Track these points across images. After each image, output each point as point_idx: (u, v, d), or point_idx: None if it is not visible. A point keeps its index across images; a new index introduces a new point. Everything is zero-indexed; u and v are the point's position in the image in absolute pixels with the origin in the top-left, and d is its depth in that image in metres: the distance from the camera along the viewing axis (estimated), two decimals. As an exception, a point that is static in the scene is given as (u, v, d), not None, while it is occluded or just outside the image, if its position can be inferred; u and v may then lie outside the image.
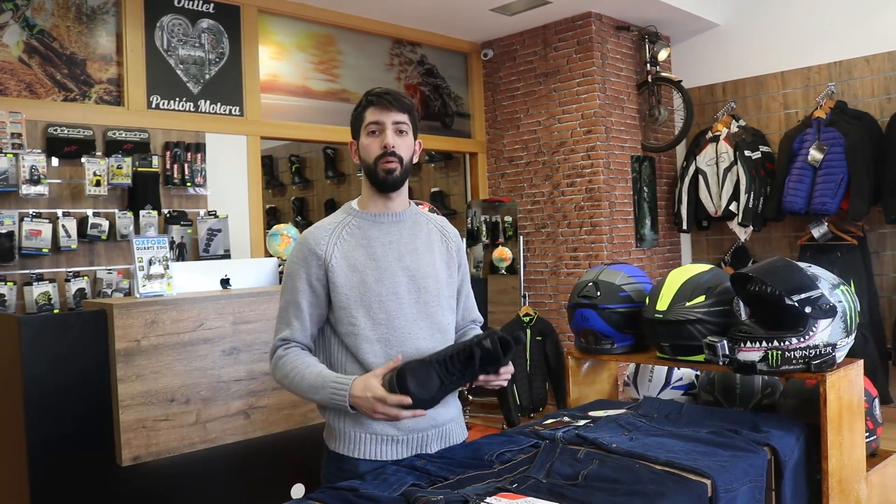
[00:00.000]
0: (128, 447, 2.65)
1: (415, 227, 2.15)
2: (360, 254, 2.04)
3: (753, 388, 2.68)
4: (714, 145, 5.74)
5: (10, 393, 2.65)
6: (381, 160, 2.04)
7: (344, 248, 2.04)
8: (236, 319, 2.95)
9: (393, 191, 2.09)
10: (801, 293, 2.22)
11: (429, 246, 2.15)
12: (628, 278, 2.74)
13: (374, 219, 2.10)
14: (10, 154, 3.80)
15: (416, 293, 2.07)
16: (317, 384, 1.95)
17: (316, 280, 2.03)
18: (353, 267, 2.02)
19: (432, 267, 2.13)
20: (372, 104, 2.07)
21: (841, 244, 5.23)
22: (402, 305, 2.04)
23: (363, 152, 2.08)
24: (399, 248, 2.09)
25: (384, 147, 2.03)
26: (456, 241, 2.24)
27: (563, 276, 5.91)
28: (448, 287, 2.16)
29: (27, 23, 4.05)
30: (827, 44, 5.48)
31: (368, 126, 2.06)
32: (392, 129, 2.05)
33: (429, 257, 2.13)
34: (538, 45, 6.04)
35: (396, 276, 2.05)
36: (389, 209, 2.12)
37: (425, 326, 2.07)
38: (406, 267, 2.07)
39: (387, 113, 2.05)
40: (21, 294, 3.84)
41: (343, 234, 2.06)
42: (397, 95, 2.08)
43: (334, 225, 2.09)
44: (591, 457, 1.95)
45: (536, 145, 6.08)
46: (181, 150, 4.47)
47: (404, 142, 2.07)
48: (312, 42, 5.39)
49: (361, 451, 2.01)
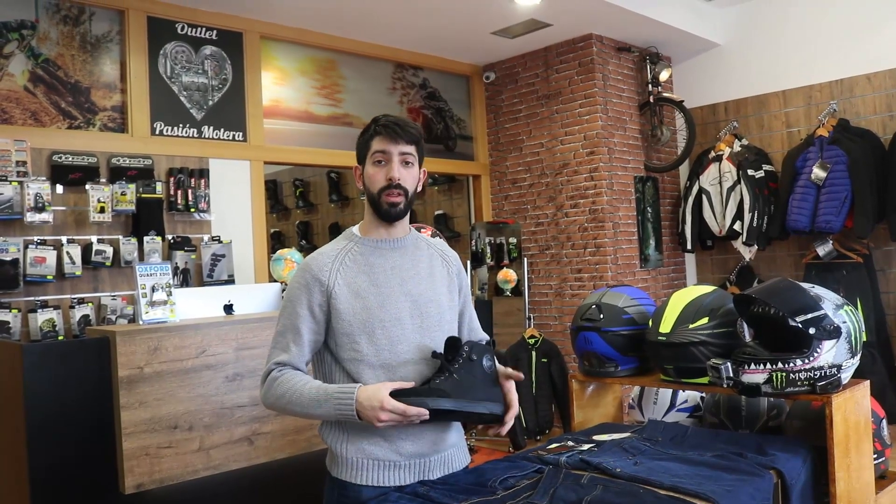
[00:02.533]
0: (131, 475, 2.64)
1: (416, 253, 2.16)
2: (362, 280, 2.04)
3: (759, 410, 2.66)
4: (717, 165, 5.75)
5: (13, 421, 2.64)
6: (385, 192, 2.04)
7: (347, 275, 2.04)
8: (239, 345, 2.94)
9: (396, 220, 2.09)
10: (804, 314, 2.21)
11: (430, 271, 2.16)
12: (631, 300, 2.73)
13: (376, 245, 2.11)
14: (14, 182, 3.82)
15: (418, 318, 2.07)
16: (319, 397, 1.92)
17: (317, 306, 2.02)
18: (355, 293, 2.02)
19: (434, 291, 2.13)
20: (379, 133, 2.05)
21: (846, 262, 5.21)
22: (404, 330, 2.04)
23: (368, 181, 2.07)
24: (401, 274, 2.09)
25: (389, 180, 2.03)
26: (456, 265, 2.25)
27: (567, 298, 5.90)
28: (450, 311, 2.17)
29: (32, 52, 4.09)
30: (828, 62, 5.49)
31: (374, 155, 2.05)
32: (398, 161, 2.04)
33: (430, 282, 2.13)
34: (540, 68, 6.07)
35: (399, 302, 2.05)
36: (391, 235, 2.12)
37: (428, 351, 2.06)
38: (408, 292, 2.07)
39: (394, 144, 2.04)
40: (25, 321, 3.85)
41: (346, 261, 2.07)
42: (405, 126, 2.06)
43: (337, 251, 2.09)
44: (594, 482, 1.93)
45: (539, 167, 6.09)
46: (185, 175, 4.48)
47: (410, 173, 2.07)
48: (315, 67, 5.43)
49: (364, 477, 2.00)
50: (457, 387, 1.95)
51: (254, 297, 3.46)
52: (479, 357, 1.98)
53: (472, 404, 1.96)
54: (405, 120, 2.09)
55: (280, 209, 8.99)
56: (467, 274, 6.11)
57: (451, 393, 1.93)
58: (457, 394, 1.95)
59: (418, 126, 2.13)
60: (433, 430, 2.05)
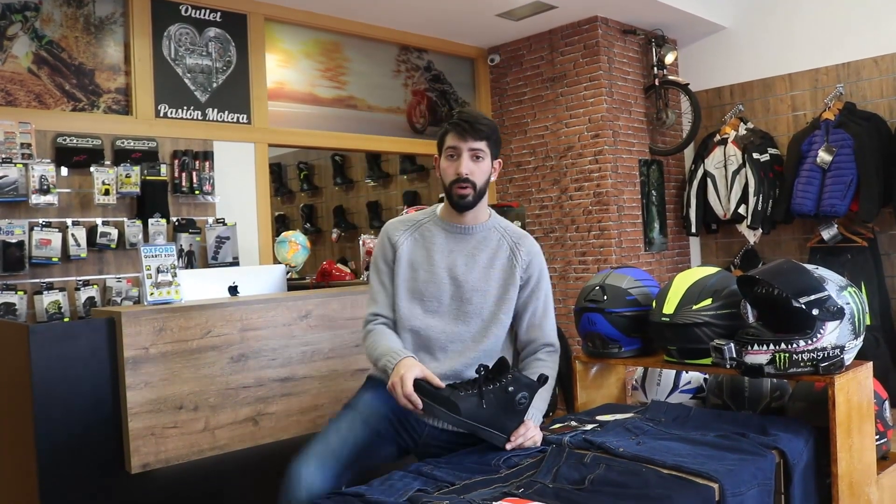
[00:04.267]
0: (137, 454, 2.66)
1: (481, 244, 2.35)
2: (420, 253, 2.32)
3: (762, 391, 2.67)
4: (722, 148, 5.73)
5: (20, 400, 2.66)
6: (455, 185, 2.26)
7: (411, 244, 2.34)
8: (244, 326, 2.95)
9: (465, 211, 2.31)
10: (808, 295, 2.21)
11: (489, 262, 2.33)
12: (635, 282, 2.74)
13: (446, 227, 2.35)
14: (19, 164, 3.83)
15: (457, 302, 2.29)
16: (378, 354, 2.21)
17: (389, 263, 2.34)
18: (410, 263, 2.31)
19: (484, 282, 2.31)
20: (451, 130, 2.27)
21: (851, 246, 5.20)
22: (440, 308, 2.28)
23: (442, 173, 2.31)
24: (455, 259, 2.31)
25: (458, 174, 2.24)
26: (526, 260, 2.37)
27: (571, 281, 5.90)
28: (498, 303, 2.32)
29: (36, 34, 4.09)
30: (835, 45, 5.46)
31: (447, 150, 2.28)
32: (468, 156, 2.24)
33: (484, 273, 2.32)
34: (545, 50, 6.05)
35: (442, 283, 2.29)
36: (462, 222, 2.35)
37: (456, 332, 2.28)
38: (455, 277, 2.29)
39: (463, 140, 2.24)
40: (31, 303, 3.86)
41: (415, 233, 2.36)
42: (475, 123, 2.24)
43: (413, 221, 2.40)
44: (597, 461, 1.95)
45: (544, 150, 6.08)
46: (189, 158, 4.49)
47: (479, 167, 2.26)
48: (319, 49, 5.41)
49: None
50: (473, 408, 2.03)
51: (258, 279, 3.47)
52: (515, 391, 2.06)
53: (475, 427, 2.06)
54: (477, 117, 2.27)
55: (284, 192, 8.99)
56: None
57: (462, 411, 2.02)
58: (468, 413, 2.03)
59: (490, 122, 2.31)
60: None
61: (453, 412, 2.01)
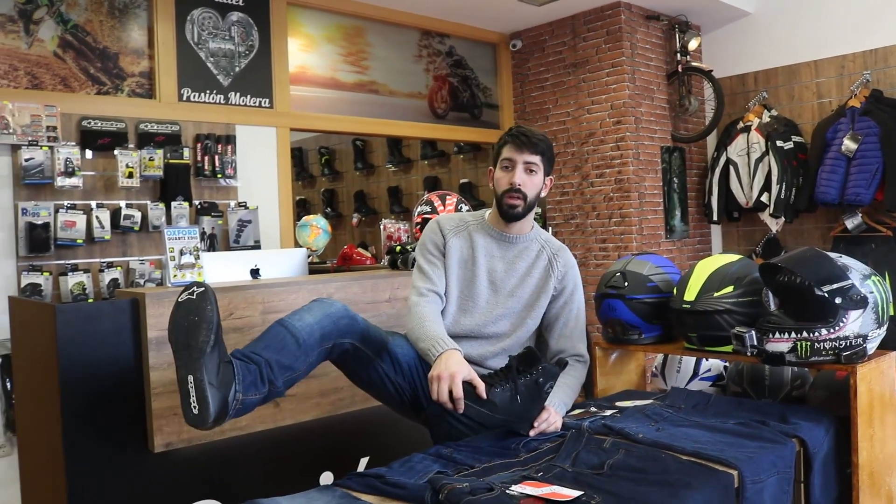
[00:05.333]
0: (160, 434, 2.69)
1: (522, 253, 2.48)
2: (466, 253, 2.45)
3: (783, 379, 2.66)
4: (745, 135, 5.68)
5: (46, 379, 2.70)
6: (507, 195, 2.37)
7: (459, 242, 2.46)
8: (266, 309, 2.97)
9: (514, 221, 2.43)
10: (831, 283, 2.20)
11: (528, 271, 2.46)
12: (656, 268, 2.73)
13: (492, 234, 2.48)
14: (45, 147, 3.87)
15: (492, 307, 2.41)
16: (425, 335, 2.23)
17: (442, 248, 2.46)
18: (457, 260, 2.44)
19: (521, 289, 2.44)
20: (508, 143, 2.38)
21: (875, 235, 5.15)
22: (475, 310, 2.41)
23: (496, 183, 2.42)
24: (496, 265, 2.44)
25: (511, 184, 2.35)
26: (561, 272, 2.49)
27: (592, 268, 5.89)
28: (529, 310, 2.45)
29: (61, 18, 4.12)
30: (862, 32, 5.38)
31: (503, 161, 2.39)
32: (522, 168, 2.35)
33: (521, 280, 2.44)
34: (567, 36, 6.01)
35: (481, 286, 2.42)
36: (508, 231, 2.47)
37: (484, 337, 2.40)
38: (493, 282, 2.43)
39: (519, 153, 2.35)
40: (57, 284, 3.91)
41: (464, 233, 2.48)
42: (532, 137, 2.35)
43: (464, 222, 2.51)
44: (617, 446, 1.95)
45: (565, 136, 6.05)
46: (212, 142, 4.51)
47: (532, 180, 2.38)
48: (341, 34, 5.41)
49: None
50: (507, 403, 2.08)
51: (280, 262, 3.49)
52: (545, 382, 2.11)
53: (506, 421, 2.11)
54: (534, 132, 2.39)
55: (306, 177, 9.02)
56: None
57: (500, 410, 2.07)
58: (503, 409, 2.07)
59: (547, 139, 2.42)
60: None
61: (493, 412, 2.06)
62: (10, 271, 3.84)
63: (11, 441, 3.70)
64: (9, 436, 3.72)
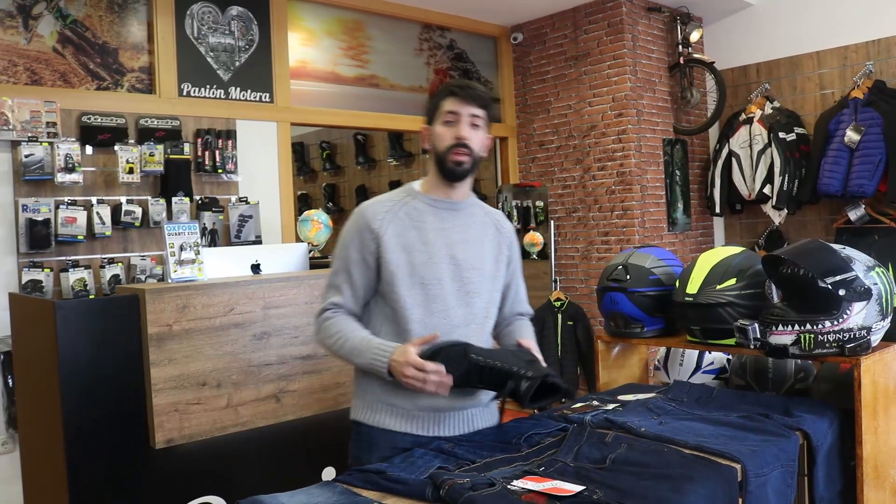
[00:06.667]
0: (161, 430, 2.69)
1: (470, 219, 2.23)
2: (412, 235, 2.11)
3: (786, 372, 2.65)
4: (747, 127, 5.65)
5: (47, 376, 2.70)
6: (453, 151, 2.11)
7: (398, 228, 2.11)
8: (266, 304, 2.97)
9: (459, 180, 2.16)
10: (834, 275, 2.18)
11: (480, 239, 2.22)
12: (658, 261, 2.71)
13: (433, 203, 2.17)
14: (45, 143, 3.86)
15: (458, 282, 2.12)
16: (361, 347, 2.03)
17: (368, 253, 2.10)
18: (403, 247, 2.09)
19: (479, 259, 2.19)
20: (452, 94, 2.13)
21: (878, 227, 5.13)
22: (443, 291, 2.10)
23: (436, 140, 2.15)
24: (450, 237, 2.15)
25: (457, 138, 2.10)
26: (509, 237, 2.32)
27: (594, 261, 5.88)
28: (492, 281, 2.22)
29: (60, 13, 4.10)
30: (864, 22, 5.35)
31: (446, 115, 2.13)
32: (467, 122, 2.12)
33: (477, 250, 2.19)
34: (568, 28, 5.98)
35: (442, 264, 2.11)
36: (450, 196, 2.19)
37: (462, 315, 2.13)
38: (453, 256, 2.13)
39: (465, 105, 2.11)
40: (58, 280, 3.91)
41: (399, 214, 2.13)
42: (477, 90, 2.15)
43: (393, 203, 2.16)
44: (619, 441, 1.94)
45: (567, 129, 6.03)
46: (212, 137, 4.50)
47: (477, 135, 2.14)
48: (341, 28, 5.39)
49: (376, 419, 2.10)
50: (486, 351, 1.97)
51: (281, 257, 3.48)
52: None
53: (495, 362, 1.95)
54: (477, 84, 2.19)
55: (307, 171, 9.00)
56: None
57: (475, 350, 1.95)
58: (484, 353, 1.97)
59: (488, 93, 2.21)
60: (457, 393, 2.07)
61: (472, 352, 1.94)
62: (10, 268, 3.84)
63: (13, 437, 3.71)
64: (11, 432, 3.72)
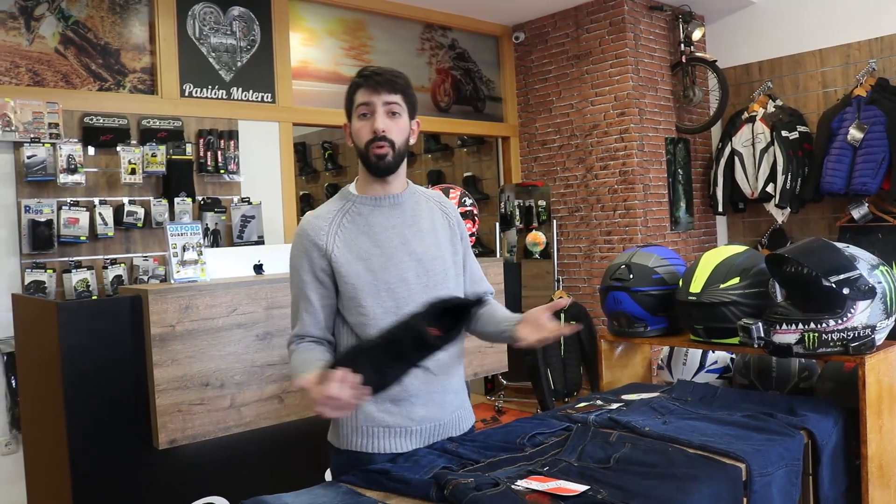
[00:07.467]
0: (164, 430, 2.69)
1: (416, 208, 2.08)
2: (363, 241, 1.97)
3: (790, 371, 2.64)
4: (750, 126, 5.65)
5: (50, 377, 2.70)
6: (372, 145, 1.95)
7: (346, 237, 1.97)
8: (269, 304, 2.97)
9: (387, 175, 2.00)
10: (838, 274, 2.18)
11: (432, 226, 2.08)
12: (661, 260, 2.71)
13: (375, 203, 2.02)
14: (47, 144, 3.86)
15: (424, 277, 1.99)
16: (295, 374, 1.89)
17: (320, 271, 1.96)
18: (357, 256, 1.95)
19: (437, 248, 2.05)
20: (361, 85, 1.97)
21: (882, 225, 5.12)
22: (411, 291, 1.96)
23: (355, 136, 2.00)
24: (403, 232, 2.01)
25: (374, 132, 1.94)
26: (455, 215, 2.17)
27: (596, 260, 5.87)
28: (454, 266, 2.10)
29: (62, 14, 4.10)
30: (867, 19, 5.34)
31: (359, 108, 1.97)
32: (383, 112, 1.95)
33: (433, 238, 2.06)
34: (570, 27, 5.98)
35: (403, 262, 1.98)
36: (388, 192, 2.03)
37: None
38: (412, 251, 2.00)
39: (377, 94, 1.95)
40: (60, 281, 3.91)
41: (343, 222, 1.99)
42: (389, 75, 1.97)
43: (333, 213, 2.01)
44: (623, 440, 1.94)
45: (569, 128, 6.03)
46: (214, 137, 4.50)
47: (396, 124, 1.97)
48: (343, 28, 5.39)
49: (375, 444, 1.96)
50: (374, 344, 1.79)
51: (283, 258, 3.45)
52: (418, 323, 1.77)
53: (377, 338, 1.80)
54: (389, 69, 2.00)
55: (309, 171, 9.00)
56: (496, 236, 6.10)
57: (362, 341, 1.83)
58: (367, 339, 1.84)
59: (404, 75, 2.02)
60: (441, 392, 2.02)
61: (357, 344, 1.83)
62: (13, 269, 3.84)
63: (17, 438, 3.71)
64: (14, 433, 3.72)
